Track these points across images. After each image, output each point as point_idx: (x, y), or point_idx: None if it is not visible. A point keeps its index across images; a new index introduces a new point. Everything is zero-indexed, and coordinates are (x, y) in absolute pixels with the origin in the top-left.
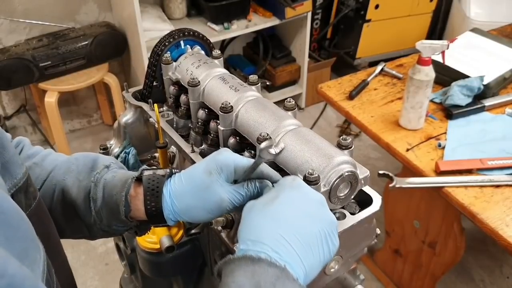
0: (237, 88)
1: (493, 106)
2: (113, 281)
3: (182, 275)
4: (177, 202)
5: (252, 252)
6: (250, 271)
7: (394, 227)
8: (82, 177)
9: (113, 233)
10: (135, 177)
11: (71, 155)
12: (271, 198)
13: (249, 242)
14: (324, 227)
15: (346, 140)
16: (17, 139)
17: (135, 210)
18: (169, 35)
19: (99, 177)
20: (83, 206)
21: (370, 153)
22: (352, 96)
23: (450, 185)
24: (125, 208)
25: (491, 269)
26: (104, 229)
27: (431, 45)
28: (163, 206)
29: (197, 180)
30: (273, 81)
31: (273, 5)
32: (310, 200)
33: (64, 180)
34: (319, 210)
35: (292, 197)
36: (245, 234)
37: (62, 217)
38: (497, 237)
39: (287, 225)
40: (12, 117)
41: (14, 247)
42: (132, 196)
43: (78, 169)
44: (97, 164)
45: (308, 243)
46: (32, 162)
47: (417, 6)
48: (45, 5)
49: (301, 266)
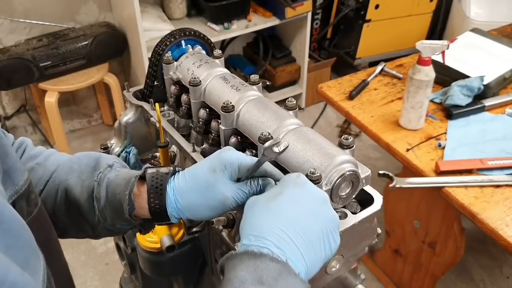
0: (238, 88)
1: (493, 106)
2: (113, 281)
3: (183, 275)
4: (181, 200)
5: (255, 247)
6: (252, 266)
7: (394, 227)
8: (85, 176)
9: (117, 232)
10: (139, 176)
11: (74, 154)
12: (275, 194)
13: (252, 237)
14: (326, 225)
15: (347, 139)
16: (20, 140)
17: (139, 208)
18: (170, 35)
19: (102, 176)
20: (86, 205)
21: (370, 153)
22: (352, 96)
23: (450, 185)
24: (129, 206)
25: (491, 269)
26: (108, 228)
27: (431, 45)
28: (166, 203)
29: (201, 178)
30: (273, 81)
31: (273, 5)
32: (313, 197)
33: (67, 180)
34: (322, 207)
35: (295, 194)
36: (248, 229)
37: (66, 217)
38: (497, 237)
39: (290, 222)
40: (12, 117)
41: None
42: (135, 195)
43: (80, 168)
44: (100, 163)
45: (310, 240)
46: (35, 162)
47: (417, 6)
48: (45, 5)
49: (303, 262)
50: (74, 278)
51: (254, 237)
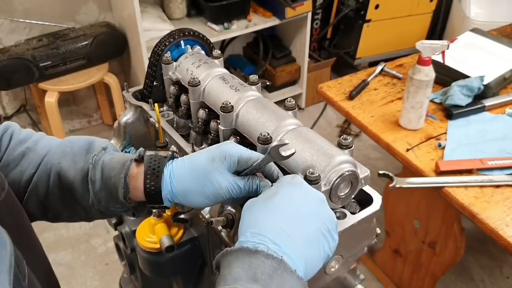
0: (238, 88)
1: (493, 106)
2: (113, 281)
3: (182, 275)
4: (176, 184)
5: (250, 243)
6: (247, 263)
7: (394, 227)
8: (78, 159)
9: (110, 214)
10: (134, 159)
11: (65, 138)
12: (271, 194)
13: (249, 234)
14: (324, 223)
15: (346, 139)
16: (4, 125)
17: (134, 190)
18: (169, 35)
19: (97, 159)
20: (80, 188)
21: (370, 153)
22: (352, 96)
23: (450, 185)
24: (124, 189)
25: (491, 269)
26: (101, 210)
27: (431, 45)
28: (162, 186)
29: (198, 165)
30: (273, 81)
31: (273, 5)
32: (309, 197)
33: (59, 163)
34: (318, 207)
35: (291, 194)
36: (245, 227)
37: (59, 200)
38: (497, 237)
39: (287, 219)
40: (12, 117)
41: None
42: (131, 177)
43: (73, 151)
44: (93, 146)
45: (308, 237)
46: (25, 147)
47: (417, 6)
48: (45, 5)
49: (301, 259)
50: (74, 278)
51: (251, 233)
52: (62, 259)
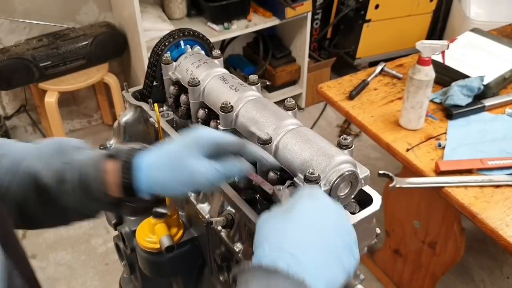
0: (237, 88)
1: (493, 106)
2: (113, 281)
3: (182, 275)
4: (151, 173)
5: (269, 259)
6: (264, 284)
7: (394, 227)
8: (52, 161)
9: (88, 214)
10: (108, 154)
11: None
12: (289, 206)
13: (266, 246)
14: (346, 238)
15: (346, 139)
16: None
17: (110, 185)
18: (169, 35)
19: (71, 158)
20: (56, 189)
21: (370, 153)
22: (352, 96)
23: (450, 185)
24: (99, 185)
25: (491, 269)
26: (79, 210)
27: (431, 45)
28: (138, 178)
29: (172, 151)
30: (273, 81)
31: (273, 5)
32: (331, 210)
33: (35, 167)
34: (341, 220)
35: (312, 206)
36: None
37: (38, 205)
38: (497, 237)
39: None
40: (12, 117)
41: None
42: (106, 172)
43: (48, 153)
44: (66, 146)
45: (330, 254)
46: None
47: (417, 6)
48: (45, 5)
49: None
50: (74, 278)
51: (269, 246)
52: (62, 259)
